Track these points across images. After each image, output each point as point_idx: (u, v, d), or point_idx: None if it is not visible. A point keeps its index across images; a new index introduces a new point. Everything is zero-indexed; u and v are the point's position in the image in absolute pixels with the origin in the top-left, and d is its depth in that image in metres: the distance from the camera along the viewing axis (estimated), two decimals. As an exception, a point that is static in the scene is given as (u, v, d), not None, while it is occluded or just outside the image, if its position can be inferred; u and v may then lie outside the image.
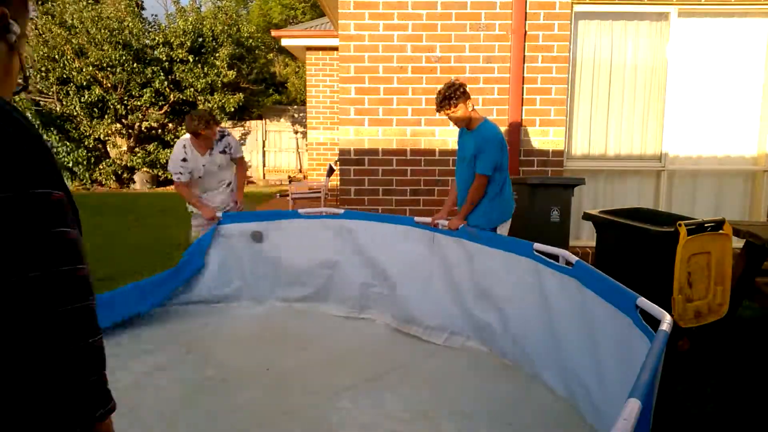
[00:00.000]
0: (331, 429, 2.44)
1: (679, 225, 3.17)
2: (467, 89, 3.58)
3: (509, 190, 3.74)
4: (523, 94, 5.01)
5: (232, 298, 4.17)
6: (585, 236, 5.34)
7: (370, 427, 2.46)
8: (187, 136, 4.15)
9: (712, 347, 3.56)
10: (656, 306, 2.01)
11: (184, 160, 4.09)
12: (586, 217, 3.98)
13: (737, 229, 3.69)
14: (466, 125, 3.66)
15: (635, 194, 5.41)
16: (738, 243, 3.96)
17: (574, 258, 2.70)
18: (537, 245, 2.97)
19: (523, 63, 4.97)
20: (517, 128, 5.02)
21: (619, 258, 3.60)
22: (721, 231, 3.38)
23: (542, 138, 5.09)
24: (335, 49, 9.80)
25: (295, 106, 17.84)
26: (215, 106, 14.55)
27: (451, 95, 3.50)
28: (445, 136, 5.06)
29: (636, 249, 3.45)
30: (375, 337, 3.64)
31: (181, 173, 4.10)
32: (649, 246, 3.35)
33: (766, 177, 5.37)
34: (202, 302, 4.11)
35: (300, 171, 17.12)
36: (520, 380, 2.97)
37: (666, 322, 1.86)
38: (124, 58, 13.43)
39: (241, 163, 4.51)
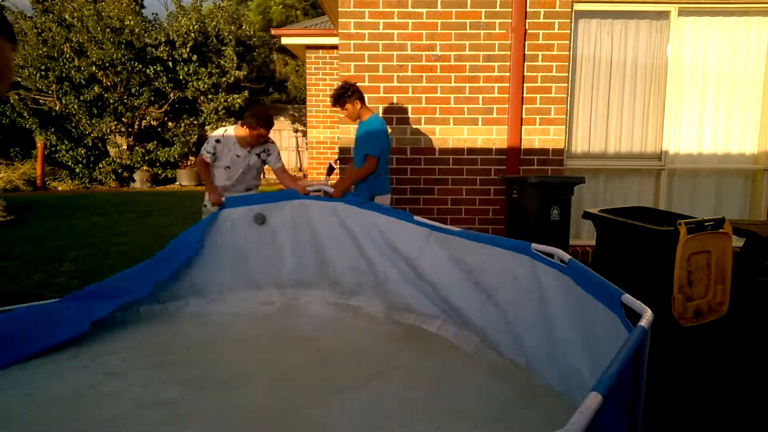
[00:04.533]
0: (330, 428, 2.44)
1: (679, 224, 3.17)
2: (357, 88, 4.28)
3: (386, 176, 4.42)
4: (523, 93, 5.01)
5: (228, 287, 4.15)
6: (585, 235, 5.34)
7: (369, 427, 2.46)
8: (234, 127, 4.33)
9: (712, 347, 3.56)
10: (638, 302, 2.00)
11: (218, 141, 4.25)
12: (586, 215, 3.98)
13: (737, 227, 3.68)
14: (357, 119, 4.34)
15: (635, 193, 5.41)
16: (738, 242, 3.96)
17: (567, 256, 2.70)
18: (534, 245, 2.98)
19: (523, 62, 4.97)
20: (517, 127, 5.02)
21: (619, 257, 3.60)
22: (721, 230, 3.38)
23: (542, 137, 5.08)
24: (335, 47, 9.79)
25: (295, 105, 17.85)
26: (220, 106, 14.54)
27: (342, 95, 4.21)
28: (446, 135, 5.06)
29: (636, 248, 3.45)
30: (374, 336, 3.63)
31: (208, 151, 4.26)
32: (649, 245, 3.35)
33: (766, 176, 5.37)
34: (200, 296, 4.09)
35: (300, 169, 17.11)
36: (520, 379, 2.96)
37: (645, 318, 1.85)
38: (125, 57, 13.41)
39: (283, 172, 4.48)
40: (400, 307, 3.76)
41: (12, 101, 13.10)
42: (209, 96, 14.55)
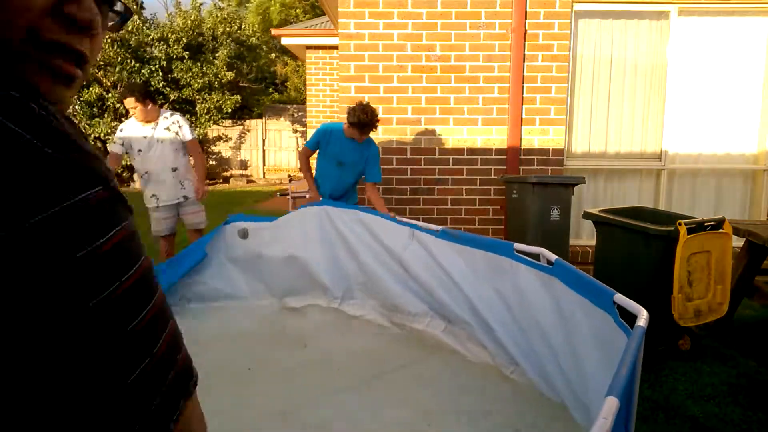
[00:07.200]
0: (330, 428, 2.44)
1: (679, 224, 3.17)
2: None
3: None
4: (523, 93, 5.01)
5: (230, 296, 4.16)
6: (585, 235, 5.33)
7: (368, 427, 2.46)
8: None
9: (712, 347, 3.56)
10: (633, 302, 1.98)
11: (121, 130, 4.38)
12: (586, 216, 3.98)
13: (737, 228, 3.68)
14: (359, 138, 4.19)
15: (635, 193, 5.40)
16: (738, 242, 3.96)
17: (553, 257, 2.68)
18: (517, 245, 2.95)
19: (523, 62, 4.96)
20: (517, 127, 5.02)
21: (619, 257, 3.60)
22: (721, 230, 3.38)
23: (542, 137, 5.08)
24: (335, 48, 9.79)
25: (295, 105, 17.84)
26: (212, 106, 14.56)
27: (377, 123, 4.10)
28: (445, 135, 5.06)
29: (636, 248, 3.45)
30: (372, 338, 3.64)
31: (114, 141, 4.41)
32: (648, 245, 3.35)
33: (766, 176, 5.36)
34: (199, 300, 4.10)
35: (300, 170, 17.05)
36: (517, 381, 2.96)
37: (642, 317, 1.83)
38: (122, 56, 13.43)
39: (194, 148, 4.51)
40: (391, 307, 3.77)
41: None
42: (203, 95, 14.57)
